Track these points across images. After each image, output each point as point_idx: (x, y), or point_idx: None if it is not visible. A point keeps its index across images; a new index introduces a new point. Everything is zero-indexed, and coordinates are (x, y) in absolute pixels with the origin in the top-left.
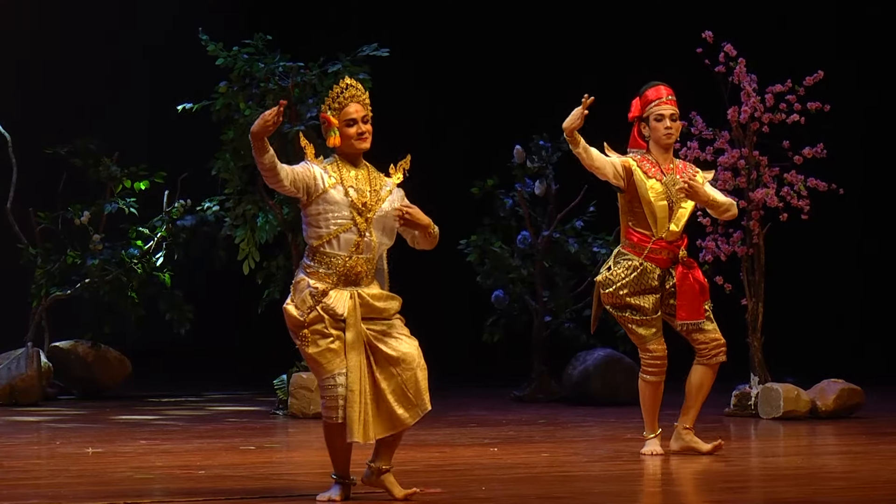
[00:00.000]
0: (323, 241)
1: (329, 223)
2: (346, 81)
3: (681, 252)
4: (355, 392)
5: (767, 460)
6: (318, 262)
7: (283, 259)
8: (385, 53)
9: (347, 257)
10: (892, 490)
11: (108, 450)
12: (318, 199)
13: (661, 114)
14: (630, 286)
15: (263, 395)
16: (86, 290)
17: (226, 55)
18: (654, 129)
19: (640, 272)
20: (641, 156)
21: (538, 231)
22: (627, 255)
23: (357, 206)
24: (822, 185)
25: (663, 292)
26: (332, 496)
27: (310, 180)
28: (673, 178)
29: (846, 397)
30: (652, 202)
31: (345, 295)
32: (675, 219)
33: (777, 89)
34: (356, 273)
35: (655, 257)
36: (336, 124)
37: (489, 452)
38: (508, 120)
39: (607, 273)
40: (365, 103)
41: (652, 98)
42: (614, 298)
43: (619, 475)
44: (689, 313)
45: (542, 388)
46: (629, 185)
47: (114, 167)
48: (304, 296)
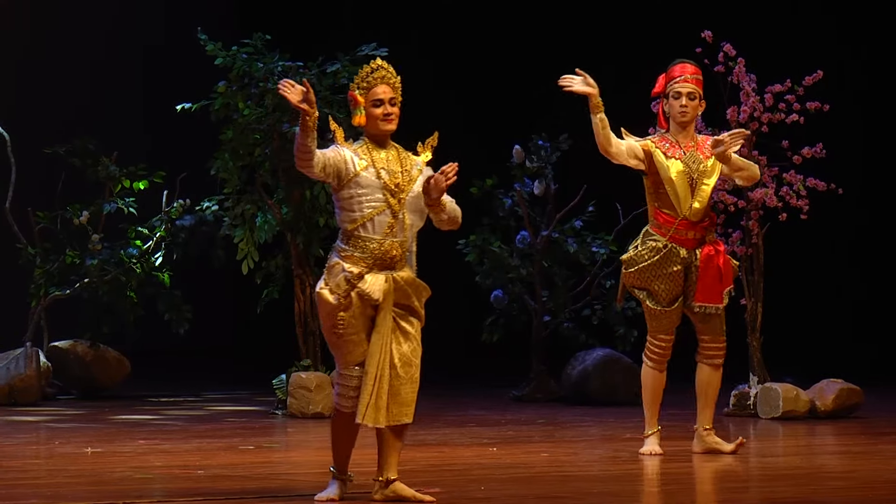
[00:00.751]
0: (357, 225)
1: (363, 206)
2: (378, 62)
3: (708, 235)
4: (370, 374)
5: (766, 460)
6: (353, 245)
7: (282, 259)
8: (383, 53)
9: (382, 240)
10: (892, 490)
11: (107, 450)
12: (349, 182)
13: (679, 91)
14: (653, 268)
15: (262, 394)
16: (85, 289)
17: (225, 55)
18: (671, 106)
19: (665, 254)
20: (660, 136)
21: (537, 231)
22: (654, 235)
23: (390, 187)
24: (821, 185)
25: (688, 274)
26: (331, 495)
27: (340, 164)
28: (693, 154)
29: (845, 397)
30: (674, 181)
31: (380, 279)
32: (699, 196)
33: (776, 89)
34: (391, 257)
35: (681, 238)
36: (362, 103)
37: (488, 452)
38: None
39: (633, 252)
40: (395, 86)
41: (674, 75)
42: (636, 279)
43: (618, 475)
44: (707, 296)
45: (541, 388)
46: (650, 167)
47: (112, 167)
48: (338, 280)
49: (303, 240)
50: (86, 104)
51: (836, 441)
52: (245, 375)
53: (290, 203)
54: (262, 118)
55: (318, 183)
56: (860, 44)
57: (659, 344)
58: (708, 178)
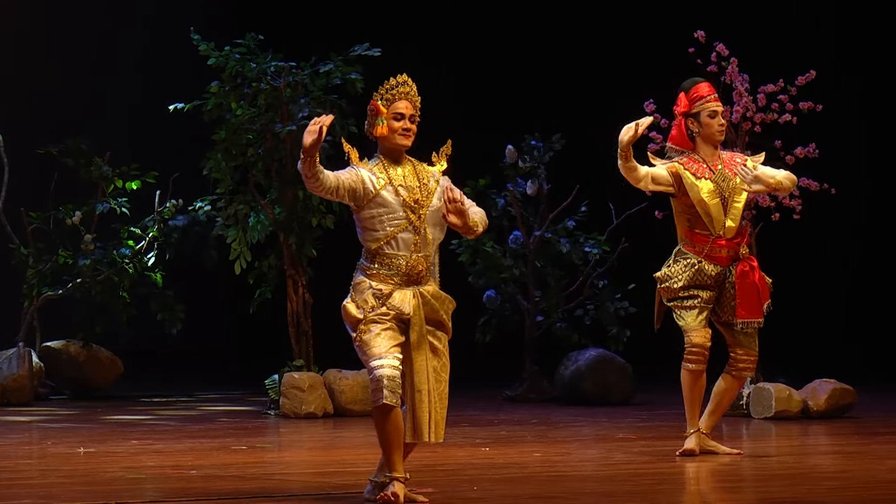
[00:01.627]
0: (381, 244)
1: (385, 225)
2: (403, 78)
3: (742, 249)
4: (423, 392)
5: (759, 460)
6: (380, 263)
7: (275, 259)
8: (376, 53)
9: (409, 256)
10: (886, 490)
11: (100, 450)
12: (370, 202)
13: (715, 111)
14: (686, 280)
15: (255, 394)
16: (77, 290)
17: (217, 55)
18: (706, 126)
19: (698, 269)
20: (687, 157)
21: (530, 231)
22: (687, 253)
23: (409, 204)
24: (814, 185)
25: (722, 290)
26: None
27: (357, 185)
28: (722, 173)
29: (838, 397)
30: (705, 201)
31: (409, 294)
32: (731, 214)
33: (769, 89)
34: (417, 272)
35: (715, 255)
36: (385, 114)
37: (481, 452)
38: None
39: (667, 269)
40: (416, 104)
41: (702, 95)
42: (669, 292)
43: (611, 475)
44: (749, 311)
45: (534, 388)
46: (680, 189)
47: (105, 167)
48: (366, 296)
49: (295, 240)
50: (79, 105)
51: (830, 441)
52: (238, 375)
53: (282, 203)
54: (255, 118)
55: None
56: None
57: (695, 342)
58: (739, 196)
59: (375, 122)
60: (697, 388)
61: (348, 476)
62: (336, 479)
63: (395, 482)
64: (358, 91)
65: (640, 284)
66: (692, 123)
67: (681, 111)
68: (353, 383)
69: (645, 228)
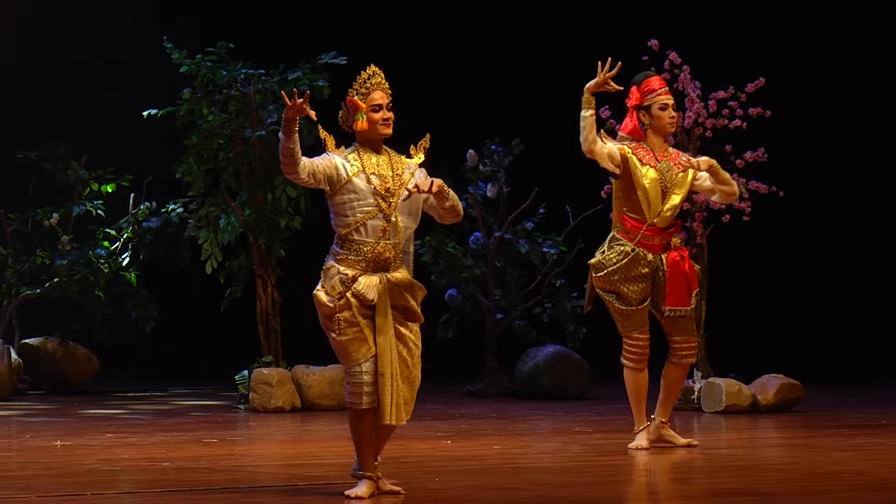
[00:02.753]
0: (351, 229)
1: (356, 211)
2: (372, 69)
3: (673, 239)
4: (386, 376)
5: (710, 452)
6: (348, 249)
7: (245, 259)
8: (343, 62)
9: (375, 243)
10: (831, 481)
11: (76, 443)
12: (342, 188)
13: (666, 103)
14: (621, 272)
15: (225, 390)
16: (55, 289)
17: (190, 63)
18: (657, 118)
19: (632, 258)
20: (637, 143)
21: (490, 232)
22: (621, 240)
23: (380, 192)
24: (762, 188)
25: (655, 279)
26: (359, 493)
27: (331, 171)
28: (667, 164)
29: (786, 392)
30: (647, 188)
31: (374, 280)
32: (668, 204)
33: (720, 95)
34: (384, 259)
35: (648, 243)
36: (364, 108)
37: (443, 445)
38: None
39: (601, 256)
40: (388, 92)
41: (654, 87)
42: (604, 283)
43: (568, 467)
44: (677, 300)
45: (494, 383)
46: (625, 172)
47: (82, 171)
48: (334, 282)
49: (264, 241)
50: (56, 110)
51: (778, 434)
52: (209, 371)
53: (252, 205)
54: (226, 124)
55: (279, 186)
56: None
57: (635, 343)
58: (679, 189)
59: (356, 118)
60: (640, 385)
61: (315, 468)
62: (303, 470)
63: (366, 480)
64: (325, 97)
65: None
66: (644, 116)
67: (633, 104)
68: (320, 378)
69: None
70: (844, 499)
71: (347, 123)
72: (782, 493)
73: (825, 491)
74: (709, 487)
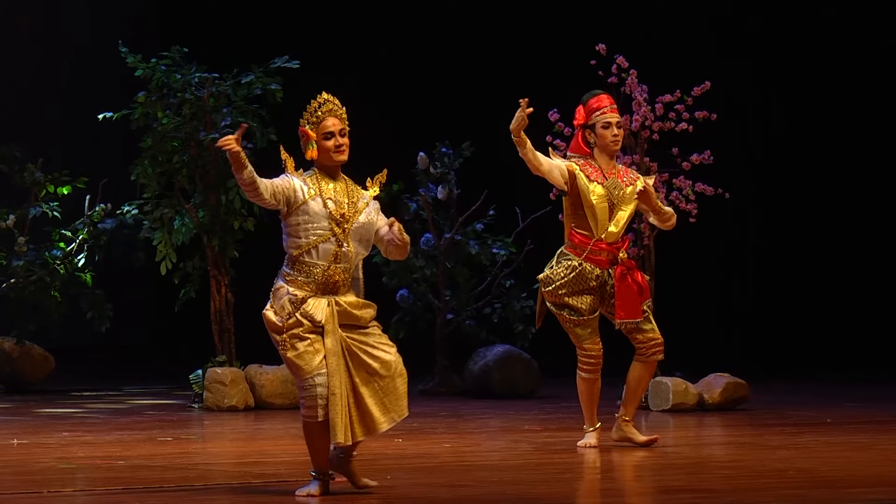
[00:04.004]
0: (302, 251)
1: (308, 233)
2: (324, 96)
3: (621, 254)
4: (337, 395)
5: (657, 450)
6: (298, 270)
7: (199, 260)
8: (296, 65)
9: (326, 266)
10: (775, 478)
11: (33, 441)
12: (297, 210)
13: (609, 122)
14: (568, 286)
15: (180, 389)
16: (11, 289)
17: (144, 66)
18: (601, 136)
19: (579, 272)
20: (585, 160)
21: (441, 233)
22: (569, 255)
23: (335, 217)
24: (708, 190)
25: (603, 293)
26: (311, 490)
27: (290, 192)
28: (615, 181)
29: (732, 391)
30: (594, 205)
31: (322, 302)
32: (615, 221)
33: (666, 99)
34: (334, 282)
35: (595, 258)
36: (314, 137)
37: (394, 443)
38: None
39: (549, 272)
40: (342, 118)
41: (597, 106)
42: (553, 297)
43: (517, 464)
44: (627, 313)
45: (445, 383)
46: (572, 189)
47: (38, 173)
48: (283, 302)
49: (218, 242)
50: (11, 113)
51: (724, 432)
52: (163, 371)
53: (206, 207)
54: (180, 126)
55: (233, 188)
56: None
57: (589, 352)
58: (626, 205)
59: (307, 147)
60: (594, 392)
61: (268, 466)
62: (256, 468)
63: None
64: (278, 101)
65: None
66: (588, 134)
67: (578, 123)
68: (273, 378)
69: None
70: (789, 496)
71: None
72: (728, 490)
73: (770, 488)
74: (656, 485)
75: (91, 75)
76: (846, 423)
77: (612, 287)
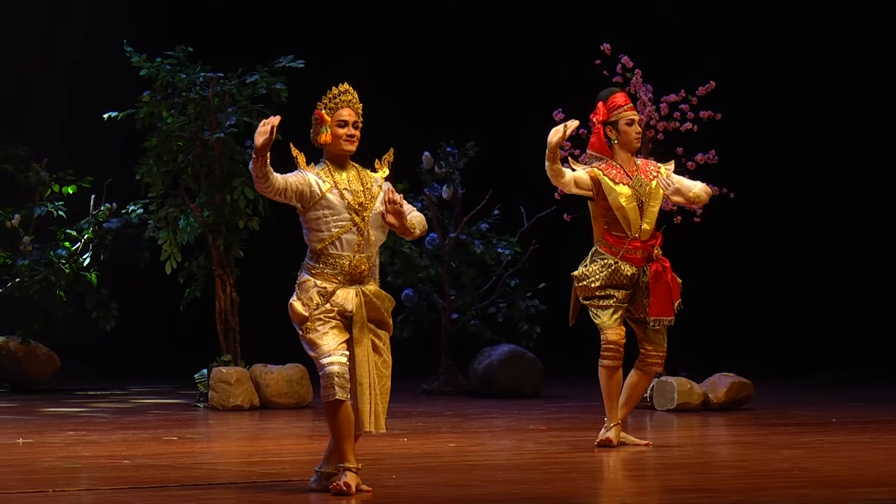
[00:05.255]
0: (326, 244)
1: (330, 226)
2: (345, 87)
3: (655, 250)
4: (365, 385)
5: (662, 450)
6: (324, 263)
7: (204, 259)
8: (300, 65)
9: (352, 257)
10: (779, 478)
11: (38, 440)
12: (316, 204)
13: (632, 119)
14: (603, 280)
15: (185, 388)
16: (16, 288)
17: (149, 66)
18: (624, 133)
19: (615, 269)
20: (606, 163)
21: (445, 233)
22: (604, 254)
23: (354, 207)
24: (714, 190)
25: (636, 290)
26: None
27: (304, 188)
28: (639, 178)
29: (736, 390)
30: (624, 206)
31: (351, 293)
32: (647, 218)
33: (671, 99)
34: (360, 272)
35: (631, 257)
36: (329, 122)
37: (399, 443)
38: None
39: (583, 269)
40: (358, 111)
41: (620, 103)
42: (587, 291)
43: (522, 464)
44: (661, 310)
45: (450, 382)
46: (598, 194)
47: (43, 172)
48: (311, 294)
49: (223, 241)
50: (16, 112)
51: (728, 432)
52: (168, 370)
53: (211, 206)
54: (185, 126)
55: (238, 187)
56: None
57: (610, 339)
58: (654, 200)
59: (320, 131)
60: (614, 382)
61: (273, 465)
62: (261, 468)
63: (348, 472)
64: (282, 100)
65: (550, 283)
66: (610, 131)
67: (600, 119)
68: (277, 377)
69: (554, 231)
70: (793, 495)
71: (315, 138)
72: (732, 490)
73: (774, 488)
74: (661, 484)
75: (96, 75)
76: (850, 422)
77: (647, 284)
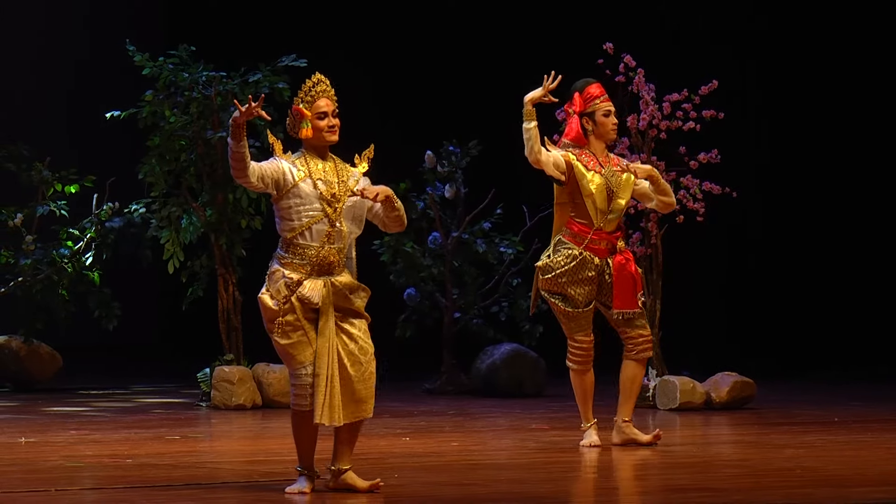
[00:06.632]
0: (296, 233)
1: (301, 215)
2: (317, 77)
3: (619, 243)
4: (321, 376)
5: (665, 449)
6: (293, 253)
7: (206, 259)
8: (303, 64)
9: (320, 247)
10: (782, 477)
11: (40, 440)
12: (288, 193)
13: (609, 110)
14: (569, 274)
15: (187, 387)
16: (19, 288)
17: (152, 65)
18: (601, 124)
19: (580, 261)
20: (580, 150)
21: (448, 232)
22: (568, 244)
23: (326, 197)
24: (716, 189)
25: (601, 282)
26: (302, 488)
27: (279, 175)
28: (611, 169)
29: (739, 390)
30: (593, 194)
31: (318, 283)
32: (614, 209)
33: (674, 98)
34: (329, 262)
35: (595, 247)
36: (309, 116)
37: (402, 442)
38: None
39: (547, 260)
40: (333, 98)
41: (596, 94)
42: (551, 284)
43: (525, 463)
44: (624, 302)
45: (452, 381)
46: (570, 179)
47: (45, 171)
48: (279, 286)
49: (226, 241)
50: (19, 111)
51: (731, 431)
52: (171, 369)
53: (213, 206)
54: (188, 125)
55: (240, 187)
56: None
57: (579, 345)
58: (623, 192)
59: (300, 126)
60: (586, 384)
61: (275, 464)
62: (263, 467)
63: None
64: (285, 99)
65: None
66: (587, 122)
67: (577, 110)
68: (280, 377)
69: None
70: (795, 495)
71: (294, 131)
72: (735, 489)
73: (777, 487)
74: (663, 483)
75: (99, 74)
76: (853, 421)
77: (611, 276)
